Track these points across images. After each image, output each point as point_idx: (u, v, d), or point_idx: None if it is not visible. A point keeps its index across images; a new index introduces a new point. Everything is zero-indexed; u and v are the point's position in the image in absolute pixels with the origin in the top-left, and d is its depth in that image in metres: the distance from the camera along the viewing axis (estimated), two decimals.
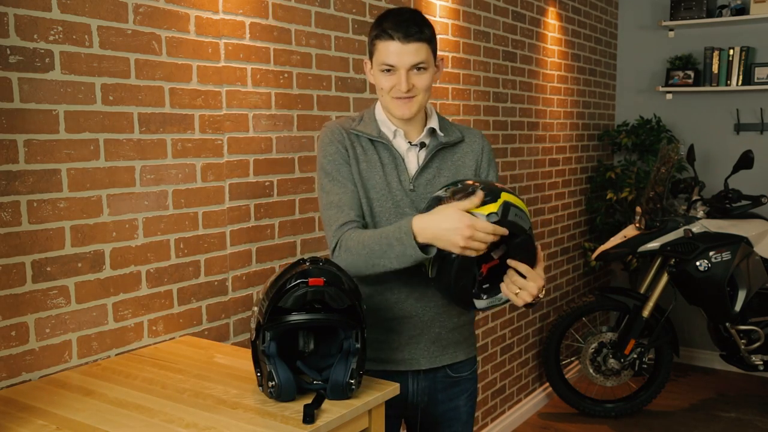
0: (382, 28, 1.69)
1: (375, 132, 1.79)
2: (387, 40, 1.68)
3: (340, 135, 1.78)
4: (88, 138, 1.79)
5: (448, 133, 1.84)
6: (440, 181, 1.80)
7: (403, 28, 1.67)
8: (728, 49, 4.60)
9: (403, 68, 1.69)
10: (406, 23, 1.67)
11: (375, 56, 1.73)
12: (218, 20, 2.13)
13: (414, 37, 1.67)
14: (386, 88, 1.72)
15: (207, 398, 1.56)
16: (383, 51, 1.70)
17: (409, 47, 1.67)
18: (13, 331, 1.66)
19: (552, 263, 4.32)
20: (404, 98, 1.72)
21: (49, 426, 1.43)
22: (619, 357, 3.93)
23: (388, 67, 1.70)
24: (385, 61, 1.70)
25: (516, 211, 1.55)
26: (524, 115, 3.91)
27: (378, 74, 1.73)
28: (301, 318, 1.47)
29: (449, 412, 1.91)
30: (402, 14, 1.70)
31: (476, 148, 1.88)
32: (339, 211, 1.72)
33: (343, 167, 1.76)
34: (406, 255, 1.59)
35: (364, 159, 1.78)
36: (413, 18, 1.70)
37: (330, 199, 1.75)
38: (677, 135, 4.87)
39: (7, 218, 1.64)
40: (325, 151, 1.78)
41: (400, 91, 1.70)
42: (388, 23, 1.69)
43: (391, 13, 1.72)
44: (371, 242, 1.63)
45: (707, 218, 3.85)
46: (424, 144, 1.82)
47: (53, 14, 1.70)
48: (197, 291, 2.12)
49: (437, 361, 1.85)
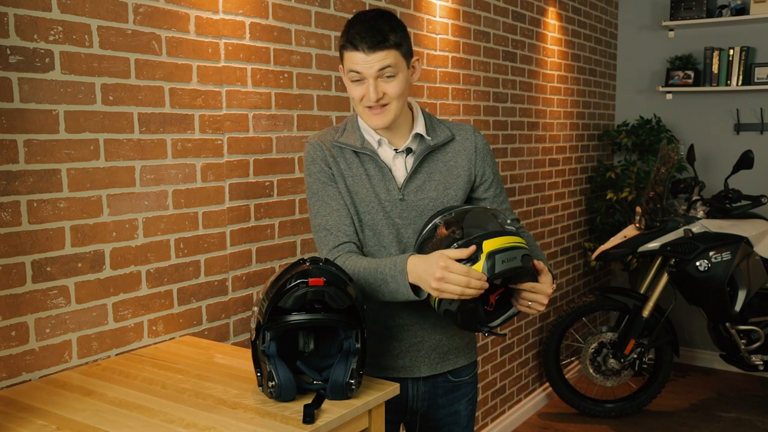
0: (348, 38, 1.64)
1: (358, 143, 1.75)
2: (351, 50, 1.63)
3: (321, 152, 1.75)
4: (88, 138, 1.79)
5: (437, 134, 1.79)
6: (431, 186, 1.76)
7: (368, 38, 1.61)
8: (728, 49, 4.60)
9: (370, 77, 1.63)
10: (371, 32, 1.61)
11: (343, 64, 1.68)
12: (218, 20, 2.13)
13: (379, 47, 1.60)
14: (357, 98, 1.68)
15: (207, 398, 1.56)
16: (349, 60, 1.64)
17: (374, 56, 1.61)
18: (13, 331, 1.66)
19: (552, 263, 4.32)
20: (376, 108, 1.67)
21: (49, 426, 1.43)
22: (619, 357, 3.93)
23: (356, 77, 1.65)
24: (351, 69, 1.65)
25: (503, 256, 1.51)
26: (524, 115, 3.91)
27: (348, 83, 1.69)
28: (301, 318, 1.47)
29: (449, 417, 1.90)
30: (367, 20, 1.63)
31: (468, 147, 1.81)
32: (328, 234, 1.72)
33: (328, 186, 1.74)
34: (399, 293, 1.60)
35: (349, 174, 1.74)
36: (377, 25, 1.62)
37: (318, 222, 1.74)
38: (677, 135, 4.87)
39: (7, 218, 1.64)
40: (309, 171, 1.77)
41: (370, 100, 1.65)
42: (353, 31, 1.63)
43: (357, 20, 1.65)
44: (366, 275, 1.64)
45: (707, 218, 3.85)
46: (410, 149, 1.77)
47: (53, 14, 1.70)
48: (197, 291, 2.12)
49: (438, 368, 1.84)
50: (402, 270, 1.58)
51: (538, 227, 4.12)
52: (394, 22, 1.66)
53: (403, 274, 1.57)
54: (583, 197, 4.73)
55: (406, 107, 1.78)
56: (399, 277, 1.58)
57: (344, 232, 1.72)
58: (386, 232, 1.74)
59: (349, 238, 1.72)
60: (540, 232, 4.14)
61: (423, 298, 1.59)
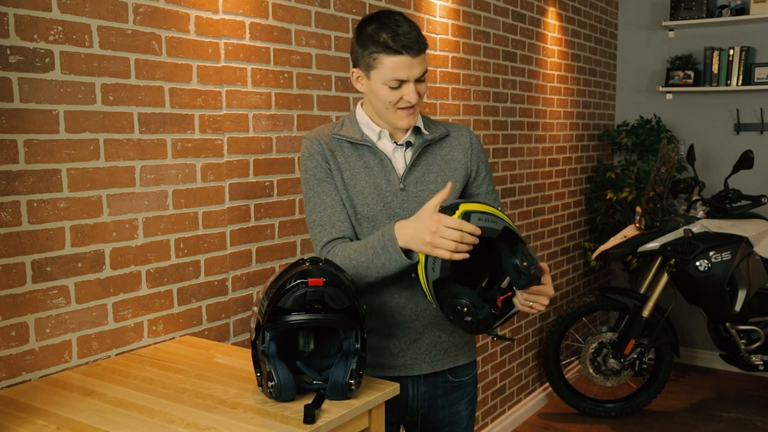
0: (386, 44, 1.64)
1: (357, 135, 1.77)
2: (395, 55, 1.64)
3: (319, 146, 1.76)
4: (88, 138, 1.80)
5: (433, 131, 1.83)
6: (430, 177, 1.79)
7: (413, 42, 1.64)
8: (728, 49, 4.60)
9: (413, 81, 1.68)
10: (415, 37, 1.65)
11: (378, 70, 1.67)
12: (218, 20, 2.13)
13: (422, 51, 1.66)
14: (392, 101, 1.70)
15: (207, 398, 1.56)
16: (391, 66, 1.65)
17: (418, 59, 1.66)
18: (13, 331, 1.67)
19: (552, 263, 4.32)
20: (409, 108, 1.71)
21: (49, 426, 1.43)
22: (619, 357, 3.93)
23: (398, 83, 1.67)
24: (396, 77, 1.65)
25: (479, 216, 1.51)
26: (524, 115, 3.91)
27: (381, 88, 1.69)
28: (301, 318, 1.47)
29: (449, 417, 1.90)
30: (401, 25, 1.65)
31: (464, 142, 1.85)
32: (322, 230, 1.74)
33: (323, 182, 1.75)
34: (392, 261, 1.60)
35: (347, 167, 1.76)
36: (415, 29, 1.66)
37: (313, 218, 1.76)
38: (677, 135, 4.87)
39: (7, 218, 1.64)
40: (305, 166, 1.78)
41: (409, 102, 1.69)
42: (390, 36, 1.63)
43: (387, 25, 1.65)
44: (356, 255, 1.65)
45: (707, 218, 3.85)
46: (410, 143, 1.80)
47: (53, 14, 1.70)
48: (197, 291, 2.12)
49: (438, 365, 1.84)
50: (390, 236, 1.58)
51: (538, 227, 4.12)
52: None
53: (392, 240, 1.58)
54: (583, 197, 4.73)
55: None
56: (389, 245, 1.59)
57: (338, 228, 1.73)
58: (385, 224, 1.74)
59: (343, 233, 1.73)
60: (540, 232, 4.14)
61: (415, 261, 1.58)
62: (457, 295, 1.57)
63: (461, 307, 1.56)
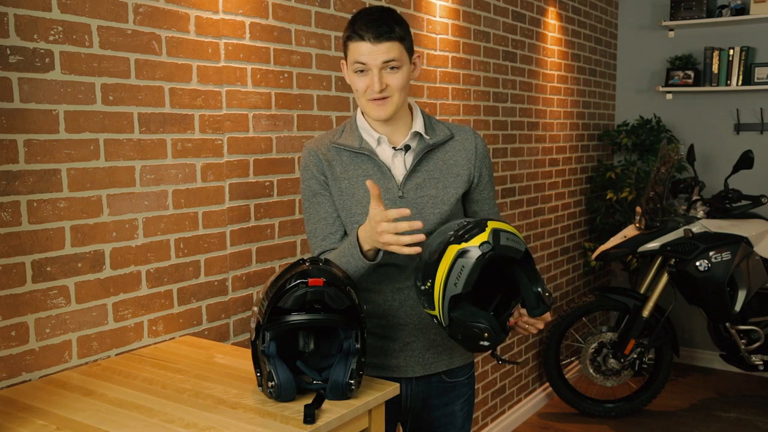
0: (354, 29, 1.68)
1: (357, 143, 1.77)
2: (358, 41, 1.67)
3: (315, 158, 1.79)
4: (88, 138, 1.79)
5: (436, 133, 1.81)
6: (430, 183, 1.77)
7: (374, 28, 1.65)
8: (728, 49, 4.60)
9: (375, 68, 1.67)
10: (377, 23, 1.66)
11: (348, 57, 1.72)
12: (218, 20, 2.13)
13: (384, 37, 1.65)
14: (361, 90, 1.71)
15: (207, 398, 1.56)
16: (355, 51, 1.68)
17: (381, 47, 1.66)
18: (13, 331, 1.66)
19: (552, 263, 4.32)
20: (379, 99, 1.70)
21: (49, 426, 1.43)
22: (619, 357, 3.93)
23: (360, 67, 1.68)
24: (357, 60, 1.68)
25: (507, 236, 1.53)
26: (524, 115, 3.91)
27: (352, 75, 1.72)
28: (301, 318, 1.47)
29: (444, 417, 1.90)
30: (372, 13, 1.69)
31: (469, 146, 1.83)
32: (315, 240, 1.82)
33: (317, 194, 1.80)
34: (359, 267, 1.66)
35: (345, 176, 1.77)
36: (383, 17, 1.67)
37: (308, 228, 1.84)
38: (677, 135, 4.87)
39: (7, 218, 1.64)
40: (302, 177, 1.83)
41: (374, 91, 1.69)
42: (359, 23, 1.67)
43: (362, 13, 1.70)
44: (336, 261, 1.69)
45: (707, 218, 3.85)
46: (409, 147, 1.79)
47: (53, 14, 1.70)
48: (197, 291, 2.12)
49: (432, 368, 1.84)
50: (354, 243, 1.65)
51: (538, 227, 4.12)
52: (398, 16, 1.72)
53: (356, 246, 1.64)
54: (583, 197, 4.73)
55: (406, 105, 1.80)
56: (354, 250, 1.65)
57: (329, 240, 1.79)
58: None
59: (333, 245, 1.78)
60: (540, 232, 4.14)
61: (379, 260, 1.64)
62: (475, 317, 1.53)
63: (480, 331, 1.53)
